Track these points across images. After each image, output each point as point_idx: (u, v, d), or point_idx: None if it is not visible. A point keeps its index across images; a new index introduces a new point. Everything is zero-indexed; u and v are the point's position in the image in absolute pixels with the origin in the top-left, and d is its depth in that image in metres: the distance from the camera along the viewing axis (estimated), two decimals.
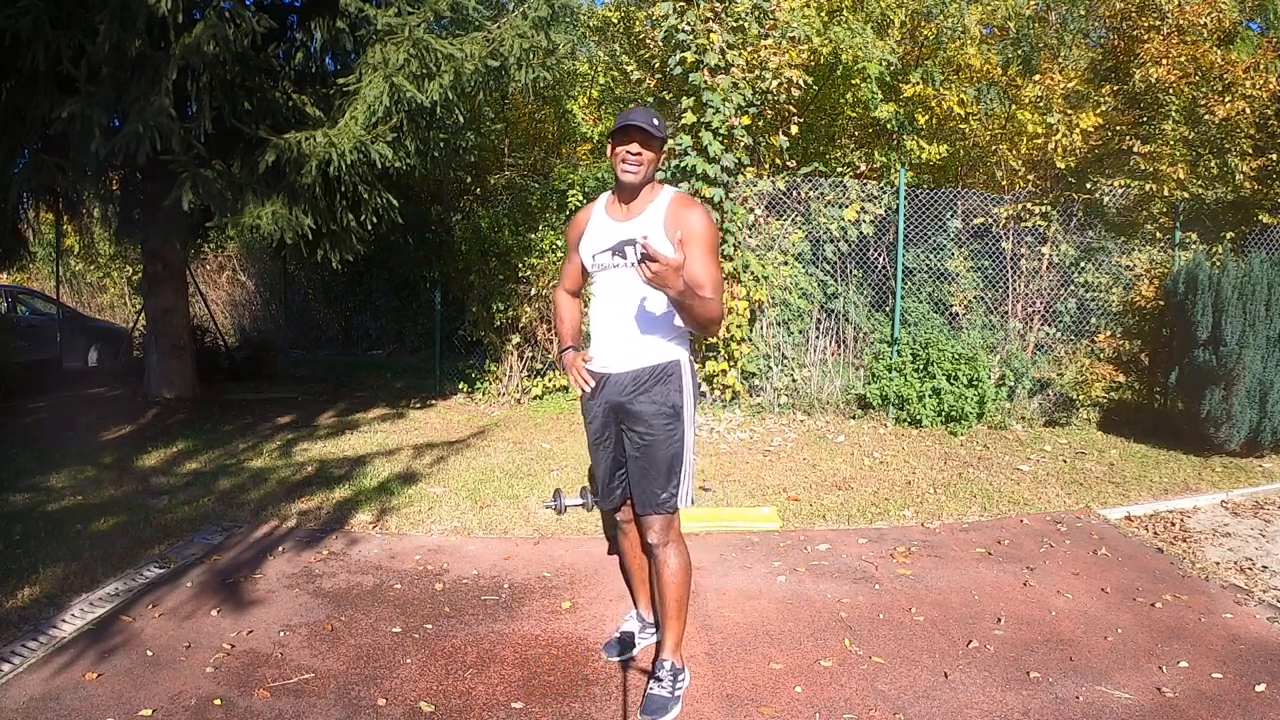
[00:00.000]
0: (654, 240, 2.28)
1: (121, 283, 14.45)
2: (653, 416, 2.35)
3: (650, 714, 2.35)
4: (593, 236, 2.46)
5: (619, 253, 2.36)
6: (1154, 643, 2.84)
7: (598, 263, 2.42)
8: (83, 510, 4.12)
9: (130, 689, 2.45)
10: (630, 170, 2.32)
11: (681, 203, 2.35)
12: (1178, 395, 5.95)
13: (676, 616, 2.43)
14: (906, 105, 8.91)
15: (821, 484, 4.87)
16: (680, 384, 2.38)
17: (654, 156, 2.33)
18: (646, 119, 2.30)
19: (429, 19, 5.51)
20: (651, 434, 2.36)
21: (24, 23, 4.65)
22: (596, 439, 2.52)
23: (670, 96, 6.89)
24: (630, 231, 2.34)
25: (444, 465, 5.16)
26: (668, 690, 2.40)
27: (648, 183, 2.38)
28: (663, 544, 2.39)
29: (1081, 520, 4.24)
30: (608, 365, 2.41)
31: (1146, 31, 7.31)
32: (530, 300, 7.18)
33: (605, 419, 2.46)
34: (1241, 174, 6.98)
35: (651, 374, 2.36)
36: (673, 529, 2.41)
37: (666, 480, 2.36)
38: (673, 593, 2.40)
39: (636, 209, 2.38)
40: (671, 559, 2.39)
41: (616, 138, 2.33)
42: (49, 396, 7.62)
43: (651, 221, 2.33)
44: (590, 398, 2.47)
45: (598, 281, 2.45)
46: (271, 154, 5.18)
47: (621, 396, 2.38)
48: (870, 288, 7.39)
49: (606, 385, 2.42)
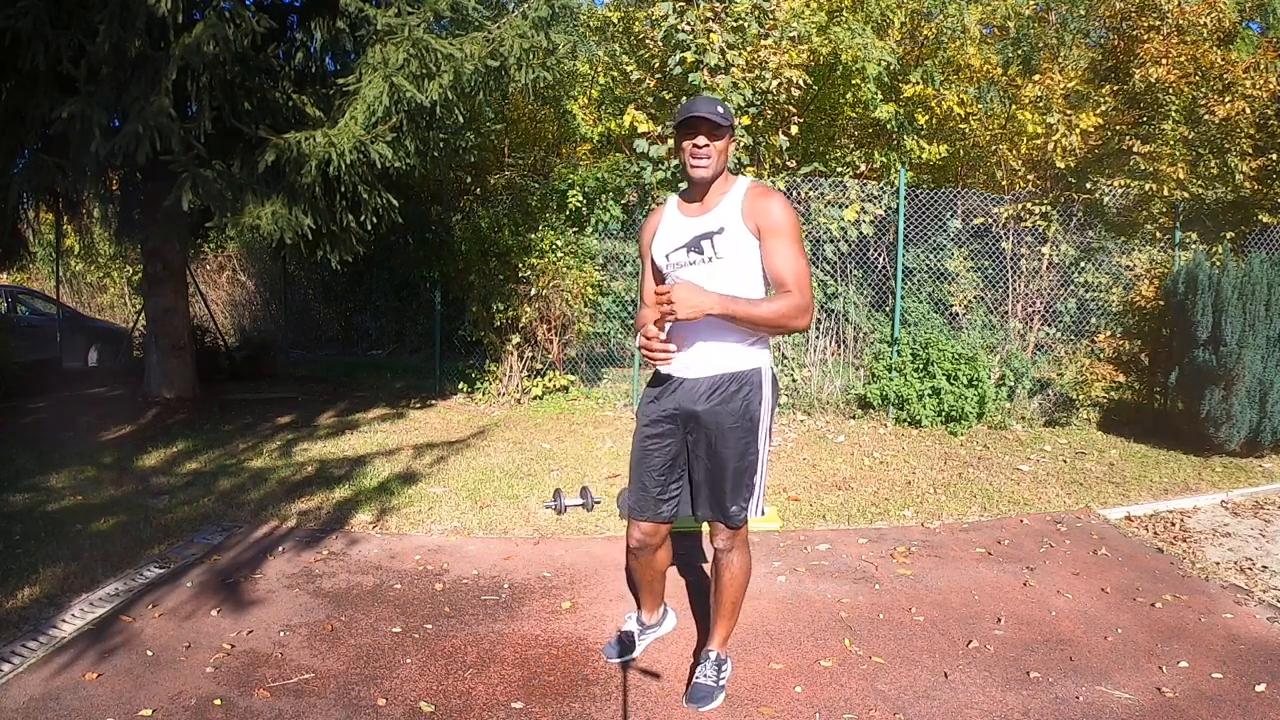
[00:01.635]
0: (731, 231, 2.20)
1: (121, 283, 14.46)
2: (729, 428, 2.23)
3: (696, 702, 2.39)
4: (665, 235, 2.35)
5: (695, 249, 2.25)
6: (1154, 643, 2.84)
7: (672, 261, 2.32)
8: (83, 510, 4.12)
9: (130, 689, 2.45)
10: (701, 165, 2.21)
11: (758, 192, 2.24)
12: (1178, 395, 5.95)
13: (730, 616, 2.45)
14: (906, 105, 8.92)
15: (821, 484, 4.87)
16: (761, 394, 2.26)
17: (724, 146, 2.22)
18: (711, 107, 2.17)
19: (429, 19, 5.50)
20: (725, 445, 2.24)
21: (24, 23, 4.65)
22: (651, 445, 2.34)
23: (670, 96, 6.90)
24: (705, 226, 2.25)
25: (444, 465, 5.16)
26: (713, 680, 2.43)
27: (719, 174, 2.26)
28: (729, 549, 2.36)
29: (1081, 520, 4.24)
30: (686, 370, 2.28)
31: (1146, 31, 7.31)
32: (530, 300, 7.19)
33: (672, 426, 2.32)
34: (1241, 174, 6.98)
35: (732, 381, 2.24)
36: (739, 534, 2.35)
37: (736, 493, 2.27)
38: (730, 595, 2.40)
39: (711, 202, 2.27)
40: (734, 562, 2.37)
41: (682, 131, 2.21)
42: (49, 396, 7.62)
43: (728, 213, 2.23)
44: (655, 400, 2.34)
45: (671, 282, 2.28)
46: (271, 154, 5.18)
47: (697, 404, 2.25)
48: (870, 288, 7.40)
49: (680, 390, 2.29)
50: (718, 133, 2.20)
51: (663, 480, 2.35)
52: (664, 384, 2.33)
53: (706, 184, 2.27)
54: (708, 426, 2.26)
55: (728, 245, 2.22)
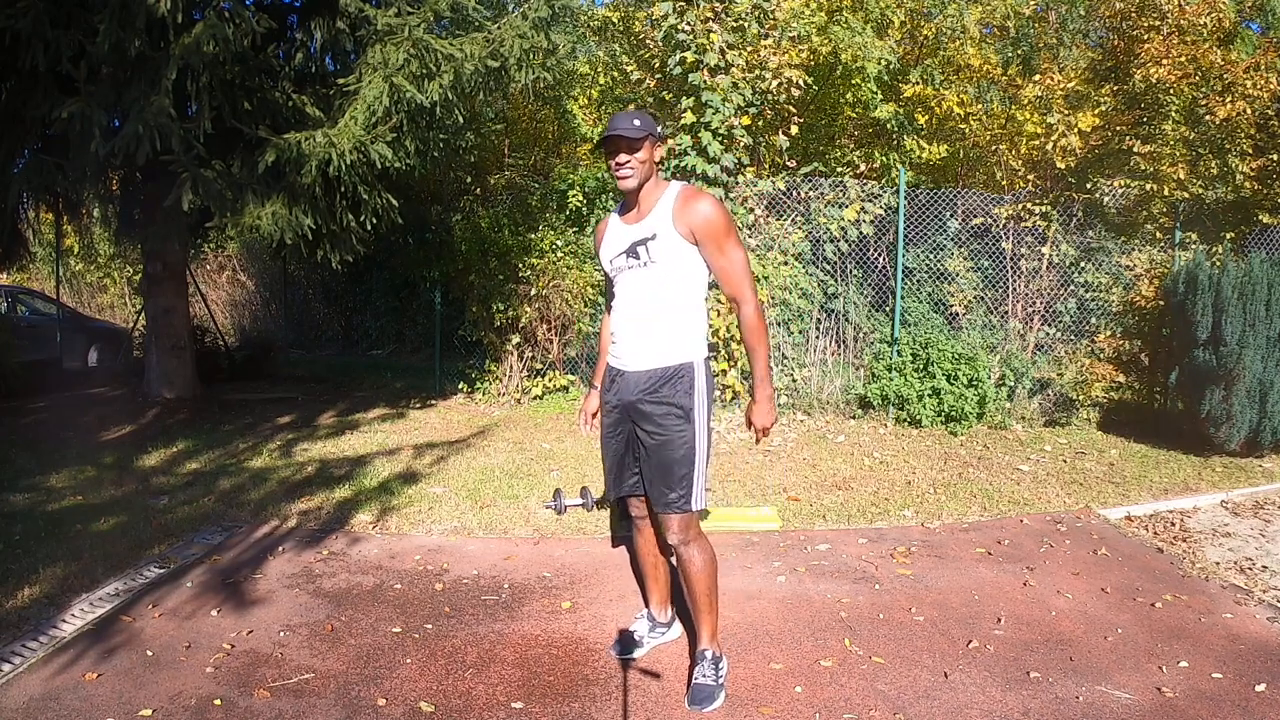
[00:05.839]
0: (663, 236, 2.34)
1: (121, 283, 14.45)
2: (662, 417, 2.37)
3: (698, 703, 2.41)
4: (609, 242, 2.51)
5: (632, 254, 2.41)
6: (1154, 643, 2.84)
7: (615, 266, 2.48)
8: (83, 510, 4.12)
9: (130, 689, 2.45)
10: (623, 177, 2.35)
11: (687, 195, 2.37)
12: (1178, 395, 5.95)
13: (708, 609, 2.49)
14: (906, 105, 8.92)
15: (821, 484, 4.87)
16: (692, 386, 2.39)
17: (646, 156, 2.35)
18: (626, 123, 2.32)
19: (429, 19, 5.50)
20: (662, 434, 2.38)
21: (24, 23, 4.65)
22: (609, 433, 2.55)
23: (670, 96, 6.89)
24: (640, 232, 2.40)
25: (444, 465, 5.16)
26: (712, 679, 2.46)
27: (647, 181, 2.39)
28: (683, 542, 2.43)
29: (1081, 520, 4.24)
30: (625, 364, 2.46)
31: (1146, 31, 7.31)
32: (530, 300, 7.18)
33: (620, 416, 2.49)
34: (1241, 174, 6.98)
35: (664, 375, 2.39)
36: (691, 527, 2.44)
37: (676, 481, 2.38)
38: (700, 587, 2.45)
39: (645, 208, 2.41)
40: (695, 555, 2.43)
41: (605, 151, 2.36)
42: (49, 396, 7.62)
43: (660, 219, 2.36)
44: (606, 391, 2.54)
45: (616, 284, 2.49)
46: (271, 154, 5.18)
47: (633, 395, 2.42)
48: (870, 288, 7.39)
49: (622, 383, 2.46)
50: (634, 146, 2.32)
51: (621, 463, 2.55)
52: (614, 377, 2.52)
53: (636, 193, 2.39)
54: (644, 417, 2.41)
55: (660, 250, 2.37)
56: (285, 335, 11.33)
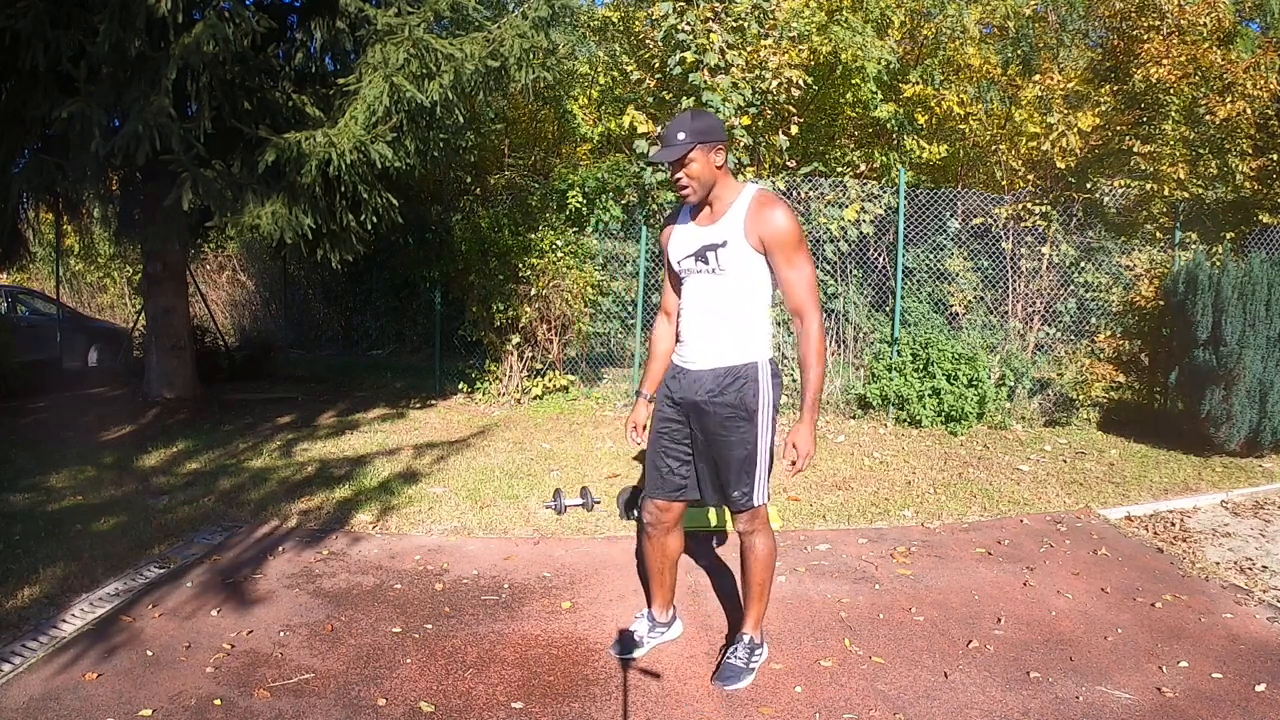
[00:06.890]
0: (734, 244, 2.34)
1: (121, 283, 14.45)
2: (727, 417, 2.39)
3: (724, 681, 2.46)
4: (679, 241, 2.51)
5: (701, 259, 2.41)
6: (1154, 643, 2.84)
7: (684, 267, 2.48)
8: (83, 510, 4.12)
9: (130, 689, 2.45)
10: (685, 192, 2.36)
11: (761, 202, 2.34)
12: (1178, 395, 5.95)
13: (759, 598, 2.55)
14: (906, 105, 8.92)
15: (821, 484, 4.87)
16: (756, 387, 2.40)
17: (702, 164, 2.32)
18: (671, 136, 2.30)
19: (429, 19, 5.50)
20: (725, 434, 2.39)
21: (24, 23, 4.64)
22: (664, 428, 2.53)
23: (670, 96, 6.90)
24: (711, 237, 2.39)
25: (444, 465, 5.16)
26: (743, 661, 2.52)
27: (714, 187, 2.37)
28: (749, 531, 2.49)
29: (1081, 520, 4.24)
30: (690, 362, 2.47)
31: (1146, 31, 7.32)
32: (530, 300, 7.18)
33: (681, 412, 2.49)
34: (1241, 174, 6.98)
35: (729, 374, 2.40)
36: (758, 518, 2.48)
37: (738, 481, 2.41)
38: (757, 576, 2.52)
39: (718, 212, 2.40)
40: (758, 544, 2.50)
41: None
42: (49, 396, 7.62)
43: (732, 226, 2.36)
44: (668, 388, 2.53)
45: (685, 284, 2.50)
46: (271, 154, 5.18)
47: (699, 395, 2.42)
48: (870, 288, 7.40)
49: (686, 381, 2.47)
50: (684, 160, 2.31)
51: (672, 463, 2.53)
52: (677, 374, 2.52)
53: (704, 200, 2.40)
54: (709, 417, 2.41)
55: (730, 259, 2.36)
56: (285, 335, 11.33)
